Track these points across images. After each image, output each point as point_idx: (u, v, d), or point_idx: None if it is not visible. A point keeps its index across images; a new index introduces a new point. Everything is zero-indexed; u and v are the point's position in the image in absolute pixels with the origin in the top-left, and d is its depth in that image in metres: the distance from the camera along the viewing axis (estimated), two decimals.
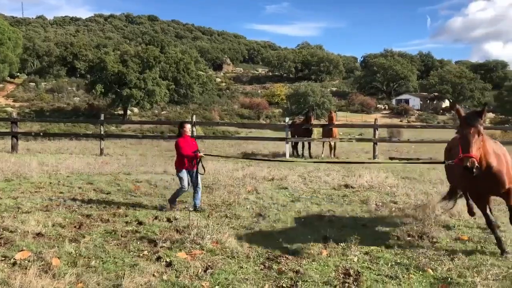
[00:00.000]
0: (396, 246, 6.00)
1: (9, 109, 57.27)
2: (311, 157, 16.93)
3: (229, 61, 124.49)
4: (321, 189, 9.87)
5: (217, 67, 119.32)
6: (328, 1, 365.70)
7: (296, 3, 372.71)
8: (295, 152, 17.72)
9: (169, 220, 7.07)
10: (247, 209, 7.95)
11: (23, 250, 5.37)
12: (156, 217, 7.19)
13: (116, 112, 67.07)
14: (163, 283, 4.63)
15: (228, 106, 79.66)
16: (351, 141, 20.24)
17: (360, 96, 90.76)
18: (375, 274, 5.02)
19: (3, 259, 5.14)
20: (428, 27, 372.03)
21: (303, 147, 17.78)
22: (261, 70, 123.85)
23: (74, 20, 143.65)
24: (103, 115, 18.79)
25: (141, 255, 5.44)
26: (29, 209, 7.45)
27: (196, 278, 4.70)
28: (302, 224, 7.10)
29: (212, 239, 5.96)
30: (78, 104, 70.47)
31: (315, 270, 5.11)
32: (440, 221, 7.16)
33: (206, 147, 20.38)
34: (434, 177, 11.50)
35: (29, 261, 5.04)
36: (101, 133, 17.62)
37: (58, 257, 5.19)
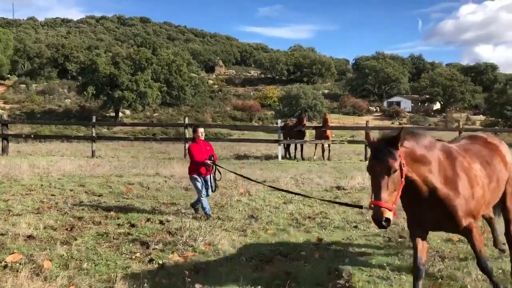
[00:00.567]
0: (388, 247, 6.04)
1: (0, 111, 56.77)
2: (303, 159, 16.99)
3: (221, 63, 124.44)
4: (313, 191, 9.90)
5: (210, 69, 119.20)
6: (320, 4, 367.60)
7: (289, 5, 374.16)
8: (287, 154, 17.75)
9: (161, 222, 7.07)
10: (239, 211, 7.96)
11: (14, 253, 5.34)
12: (148, 219, 7.17)
13: (107, 114, 66.73)
14: (156, 285, 4.63)
15: (221, 108, 79.58)
16: (343, 143, 20.33)
17: (352, 99, 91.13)
18: (366, 275, 5.05)
19: None
20: (420, 29, 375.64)
21: (295, 149, 17.83)
22: (254, 72, 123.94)
23: (66, 21, 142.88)
24: (95, 117, 18.68)
25: (133, 257, 5.43)
26: (20, 212, 7.41)
27: (189, 280, 4.70)
28: (295, 225, 7.12)
29: (205, 241, 5.97)
30: (69, 106, 70.03)
31: (307, 272, 5.14)
32: None
33: None
34: None
35: (20, 263, 5.01)
36: (93, 135, 17.56)
37: (50, 260, 5.17)
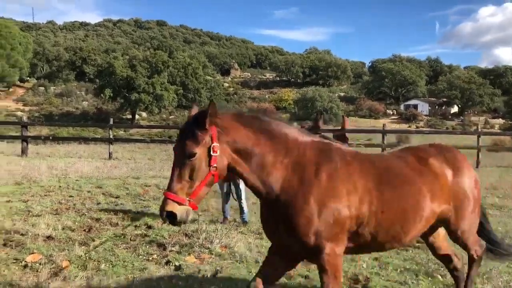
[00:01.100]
0: (405, 252, 5.98)
1: (19, 113, 57.76)
2: None
3: (237, 66, 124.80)
4: None
5: (225, 72, 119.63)
6: (336, 6, 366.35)
7: (304, 8, 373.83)
8: None
9: None
10: (255, 214, 7.95)
11: (34, 253, 5.43)
12: (164, 221, 7.20)
13: (124, 117, 67.44)
14: (173, 287, 4.65)
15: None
16: (360, 146, 20.18)
17: (368, 101, 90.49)
18: (384, 280, 5.00)
19: (14, 261, 5.19)
20: (437, 32, 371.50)
21: None
22: (269, 75, 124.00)
23: (84, 25, 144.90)
24: (112, 119, 18.88)
25: (150, 259, 5.47)
26: (39, 212, 7.52)
27: (206, 282, 4.71)
28: None
29: (221, 244, 5.98)
30: (87, 108, 70.94)
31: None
32: None
33: None
34: None
35: (40, 263, 5.09)
36: (110, 137, 17.74)
37: (69, 260, 5.23)
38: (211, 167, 2.96)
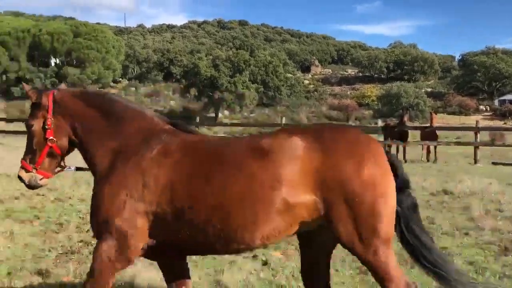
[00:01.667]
0: (505, 258, 5.58)
1: None
2: (405, 161, 16.29)
3: (317, 62, 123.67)
4: (418, 195, 9.45)
5: (305, 69, 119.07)
6: None
7: (388, 1, 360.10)
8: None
9: None
10: None
11: None
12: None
13: (208, 115, 69.78)
14: (260, 281, 4.75)
15: (316, 108, 79.17)
16: (450, 144, 19.13)
17: (458, 97, 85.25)
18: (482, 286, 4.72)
19: None
20: None
21: (397, 150, 17.16)
22: (351, 71, 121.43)
23: (170, 27, 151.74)
24: (198, 118, 19.65)
25: None
26: None
27: (293, 278, 4.75)
28: None
29: None
30: (173, 107, 74.35)
31: (415, 278, 4.92)
32: None
33: None
34: None
35: None
36: None
37: None
38: (48, 140, 3.15)
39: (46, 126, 3.16)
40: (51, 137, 3.17)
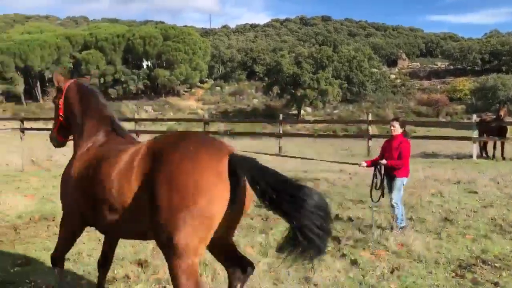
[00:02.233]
0: None
1: (200, 111, 64.42)
2: (504, 158, 15.12)
3: (404, 56, 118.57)
4: None
5: (392, 63, 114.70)
6: None
7: None
8: (484, 153, 16.05)
9: (350, 219, 7.13)
10: (432, 212, 7.52)
11: None
12: (337, 215, 7.30)
13: (290, 112, 69.92)
14: (350, 280, 4.71)
15: (403, 104, 75.92)
16: None
17: None
18: None
19: None
20: None
21: (494, 147, 15.96)
22: (441, 64, 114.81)
23: (253, 26, 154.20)
24: (281, 115, 19.77)
25: (326, 250, 5.59)
26: None
27: (383, 279, 4.65)
28: (498, 232, 6.41)
29: (397, 241, 5.82)
30: (256, 105, 75.49)
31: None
32: None
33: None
34: None
35: None
36: (280, 132, 18.57)
37: (252, 246, 5.68)
38: (60, 115, 4.20)
39: (59, 105, 4.19)
40: (61, 114, 4.21)
